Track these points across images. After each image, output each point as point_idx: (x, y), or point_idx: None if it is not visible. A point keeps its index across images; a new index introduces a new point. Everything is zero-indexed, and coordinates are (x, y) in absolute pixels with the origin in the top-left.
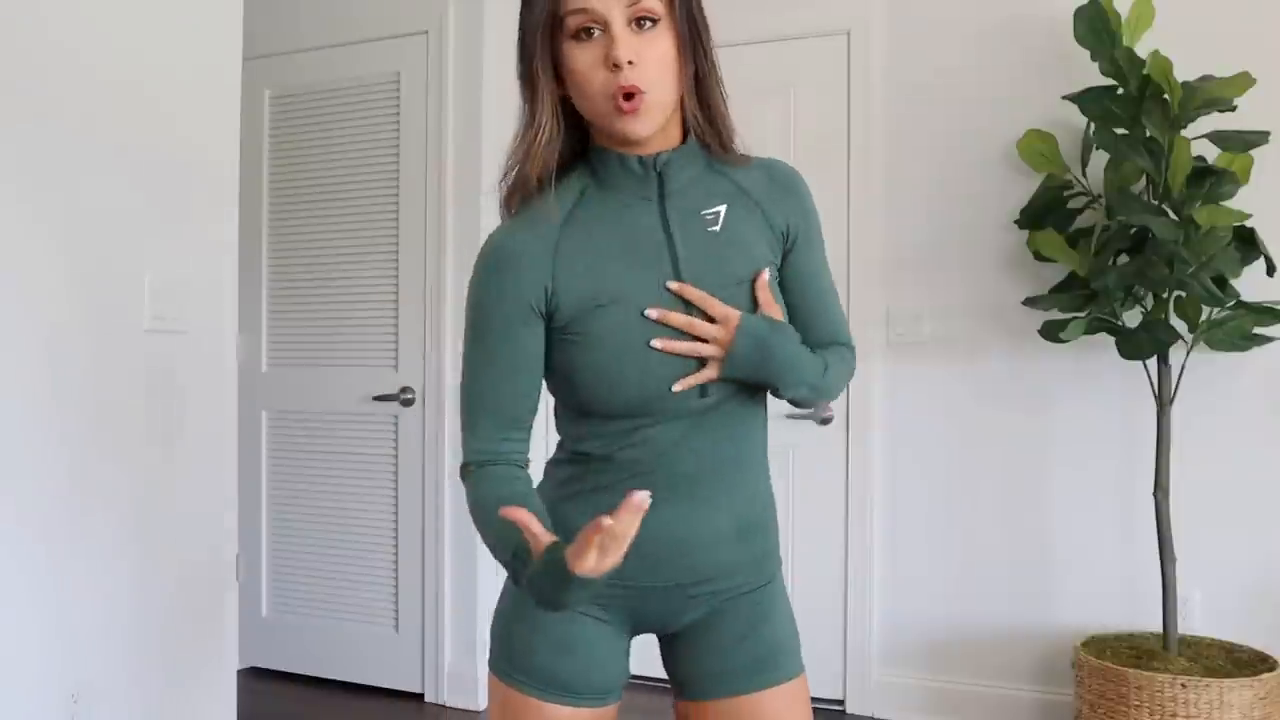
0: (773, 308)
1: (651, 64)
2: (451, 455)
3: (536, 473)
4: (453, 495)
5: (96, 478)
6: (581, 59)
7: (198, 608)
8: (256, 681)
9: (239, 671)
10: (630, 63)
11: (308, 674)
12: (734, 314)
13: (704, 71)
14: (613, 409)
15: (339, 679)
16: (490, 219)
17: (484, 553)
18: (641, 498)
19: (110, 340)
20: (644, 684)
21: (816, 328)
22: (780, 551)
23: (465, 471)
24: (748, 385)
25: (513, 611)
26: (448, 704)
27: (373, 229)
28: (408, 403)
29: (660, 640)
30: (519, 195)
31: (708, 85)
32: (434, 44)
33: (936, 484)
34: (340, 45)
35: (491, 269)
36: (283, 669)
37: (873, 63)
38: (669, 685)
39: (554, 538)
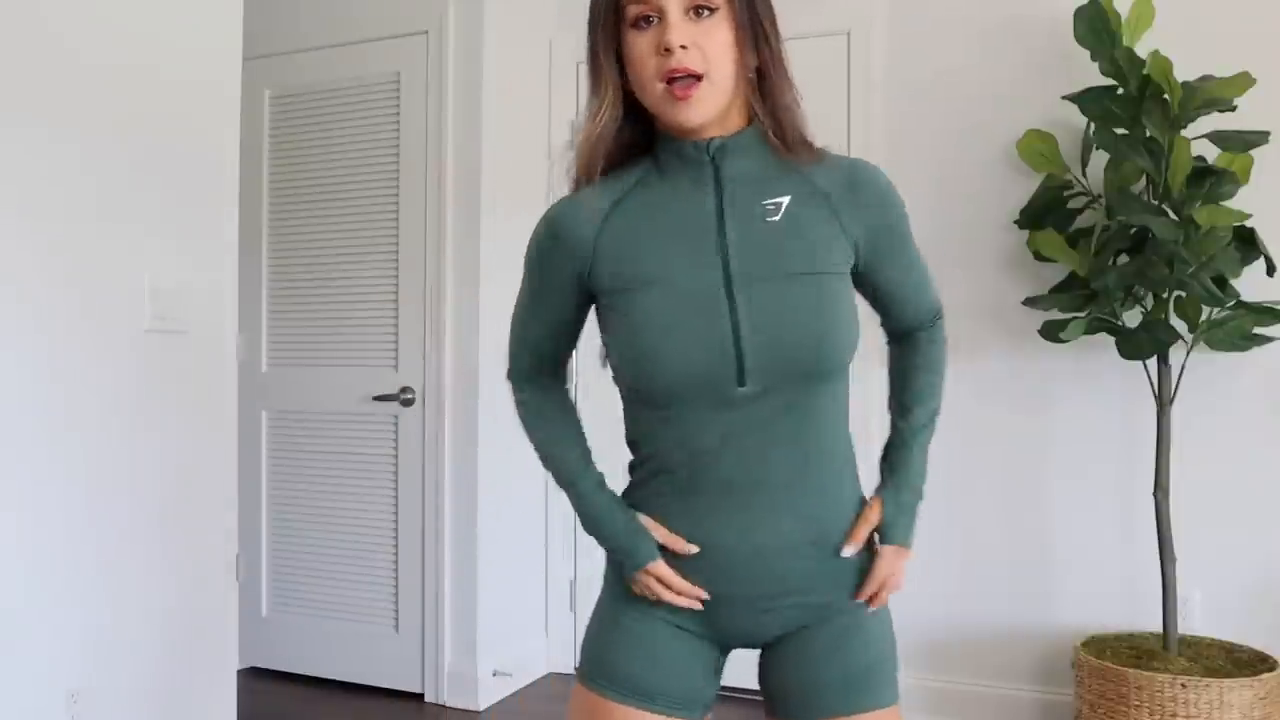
0: (869, 527)
1: (708, 50)
2: (451, 455)
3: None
4: (453, 495)
5: (96, 478)
6: (638, 46)
7: (198, 607)
8: (256, 681)
9: (239, 671)
10: (683, 47)
11: (308, 674)
12: (897, 564)
13: (767, 66)
14: (653, 391)
15: (339, 679)
16: (490, 219)
17: (484, 552)
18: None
19: (110, 340)
20: (735, 695)
21: (912, 312)
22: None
23: (511, 375)
24: (803, 378)
25: (603, 621)
26: (448, 704)
27: (373, 229)
28: (408, 403)
29: (760, 655)
30: (581, 184)
31: (772, 80)
32: (434, 44)
33: (936, 484)
34: (340, 45)
35: (543, 235)
36: (283, 669)
37: (873, 63)
38: (760, 698)
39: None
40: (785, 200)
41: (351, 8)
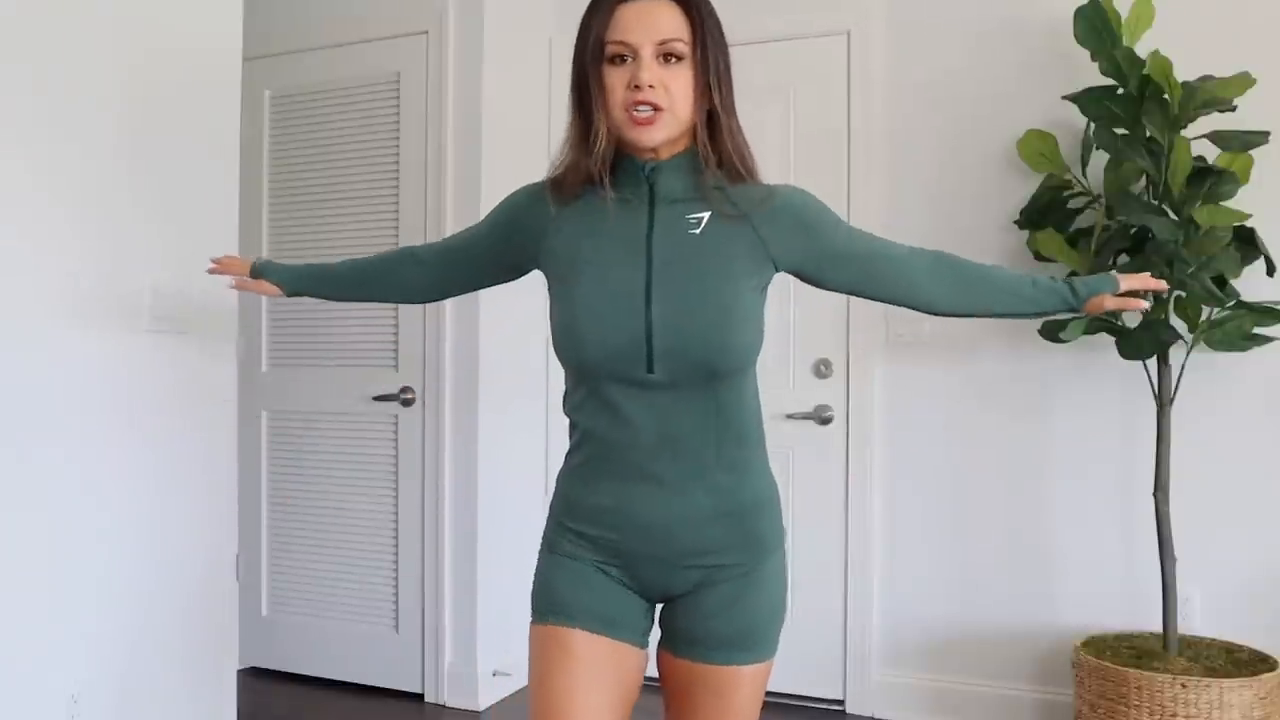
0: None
1: (671, 89)
2: (451, 455)
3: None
4: (453, 495)
5: (96, 478)
6: (611, 78)
7: (198, 607)
8: (256, 681)
9: (239, 671)
10: (650, 86)
11: (308, 674)
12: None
13: (716, 111)
14: (577, 364)
15: (339, 679)
16: None
17: (483, 551)
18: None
19: (110, 340)
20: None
21: (893, 271)
22: (781, 537)
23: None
24: (706, 375)
25: (541, 573)
26: (448, 704)
27: (373, 229)
28: (408, 403)
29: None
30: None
31: (719, 122)
32: (434, 44)
33: (936, 484)
34: (340, 45)
35: (523, 196)
36: (283, 669)
37: (873, 63)
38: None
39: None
40: (705, 216)
41: (351, 8)
